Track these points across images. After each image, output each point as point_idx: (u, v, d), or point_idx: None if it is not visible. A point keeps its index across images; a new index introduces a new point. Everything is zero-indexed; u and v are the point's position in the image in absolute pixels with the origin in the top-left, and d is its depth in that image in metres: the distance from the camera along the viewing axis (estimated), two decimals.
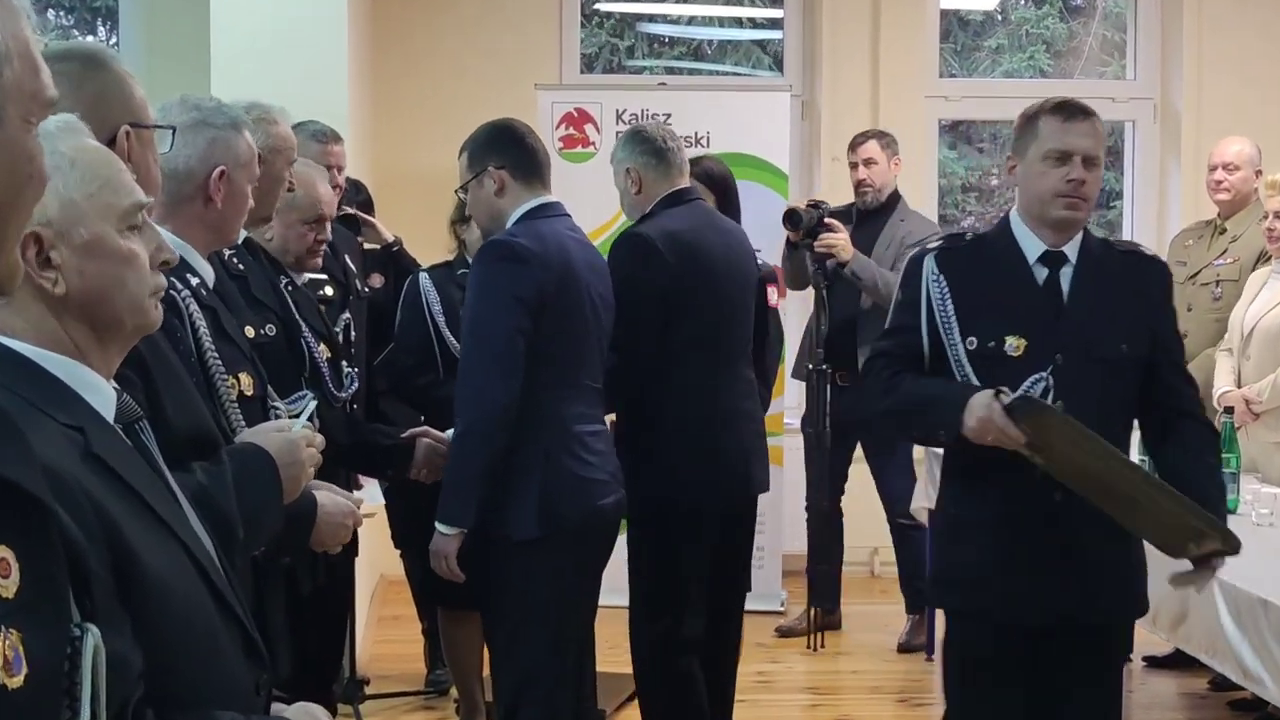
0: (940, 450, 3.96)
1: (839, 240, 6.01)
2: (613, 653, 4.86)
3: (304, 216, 3.68)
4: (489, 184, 3.83)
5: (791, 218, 6.09)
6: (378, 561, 6.80)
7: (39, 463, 1.32)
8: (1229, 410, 5.30)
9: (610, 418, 4.16)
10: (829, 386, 6.02)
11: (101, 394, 1.71)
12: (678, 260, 4.26)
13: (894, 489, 6.23)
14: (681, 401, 4.29)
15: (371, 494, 4.57)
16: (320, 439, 2.51)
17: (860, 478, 6.39)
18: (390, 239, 5.51)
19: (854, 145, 6.49)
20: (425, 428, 3.85)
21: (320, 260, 3.85)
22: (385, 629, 6.63)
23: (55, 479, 1.42)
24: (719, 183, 5.11)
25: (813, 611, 6.25)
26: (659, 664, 4.35)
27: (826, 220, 6.05)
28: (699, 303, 4.32)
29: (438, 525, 3.70)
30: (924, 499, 5.73)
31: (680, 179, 4.43)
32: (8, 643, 1.18)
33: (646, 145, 4.42)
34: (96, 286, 1.71)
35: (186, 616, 1.63)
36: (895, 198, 6.45)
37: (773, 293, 4.96)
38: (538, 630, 3.73)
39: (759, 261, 4.75)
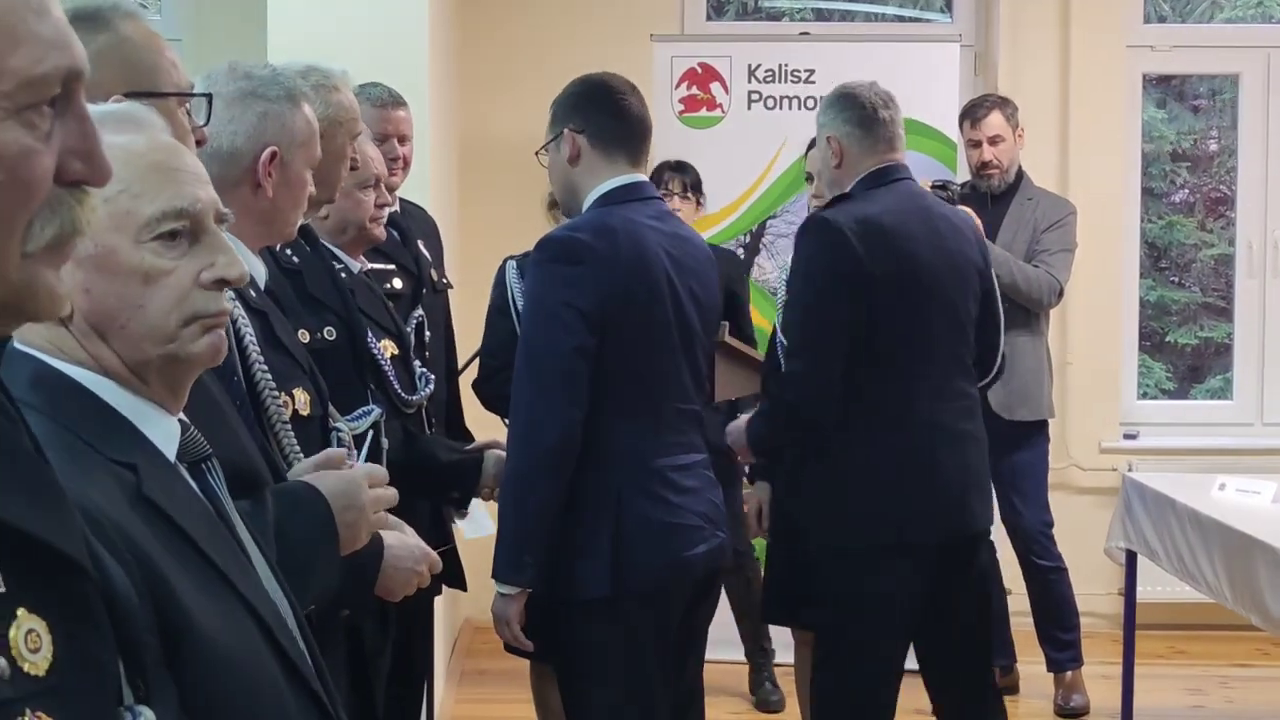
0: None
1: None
2: None
3: (358, 180, 3.68)
4: (565, 149, 3.80)
5: None
6: (461, 603, 6.85)
7: (80, 521, 1.33)
8: None
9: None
10: None
11: (161, 427, 1.73)
12: (869, 251, 4.14)
13: (1032, 519, 6.20)
14: (872, 419, 4.18)
15: (479, 522, 4.45)
16: (385, 475, 2.51)
17: None
18: None
19: (974, 119, 6.46)
20: (495, 438, 3.85)
21: (383, 230, 3.84)
22: (470, 687, 6.68)
23: (94, 526, 1.43)
24: None
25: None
26: None
27: (958, 205, 5.95)
28: (897, 303, 4.18)
29: (496, 585, 3.67)
30: (1119, 537, 5.70)
31: (890, 153, 4.34)
32: None
33: (853, 111, 4.35)
34: (105, 307, 1.73)
35: (248, 689, 1.63)
36: (1020, 175, 6.46)
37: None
38: (614, 699, 3.69)
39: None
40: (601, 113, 3.78)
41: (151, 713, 1.38)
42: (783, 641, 5.86)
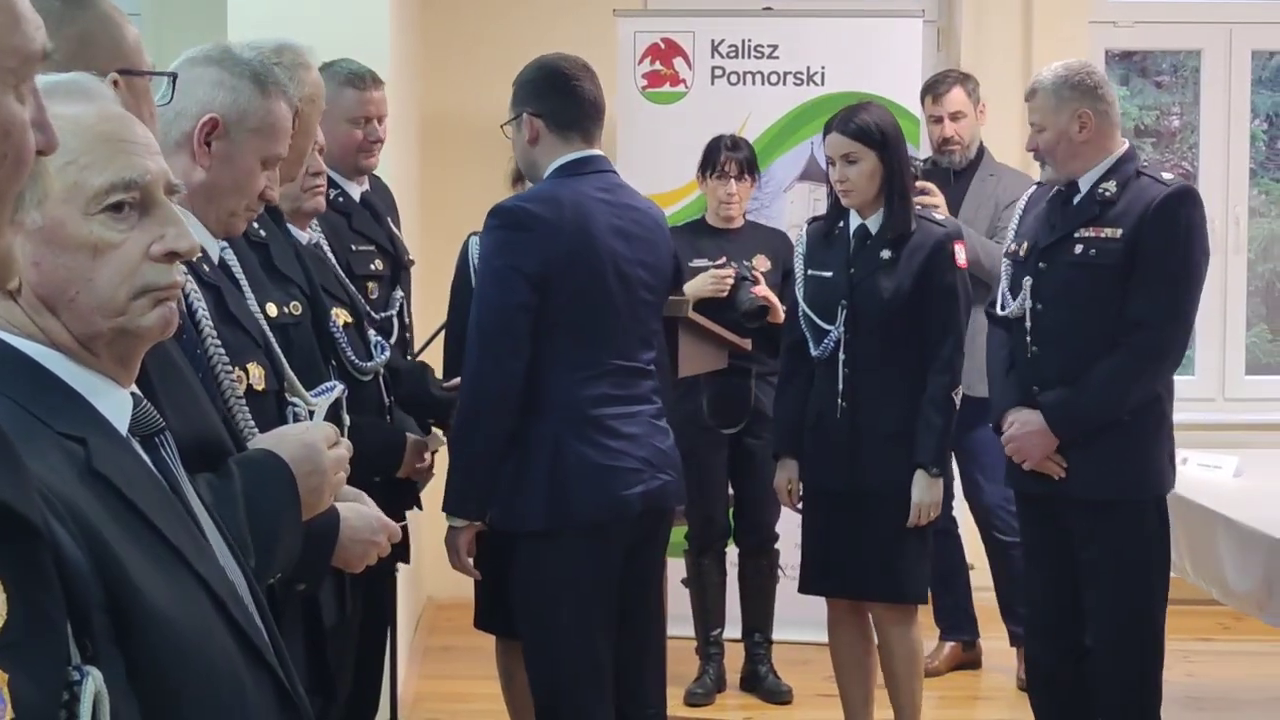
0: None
1: (936, 204, 5.92)
2: None
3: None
4: (525, 131, 4.14)
5: None
6: (424, 580, 6.85)
7: (34, 483, 1.34)
8: None
9: None
10: None
11: (112, 400, 1.73)
12: None
13: (994, 494, 6.21)
14: None
15: None
16: (347, 442, 2.50)
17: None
18: None
19: (936, 95, 6.45)
20: None
21: (320, 202, 3.82)
22: (434, 663, 6.69)
23: (43, 501, 1.42)
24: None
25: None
26: None
27: (919, 181, 5.91)
28: None
29: (446, 518, 4.11)
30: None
31: None
32: None
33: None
34: (54, 280, 1.71)
35: (200, 663, 1.63)
36: (981, 151, 6.47)
37: (960, 251, 4.98)
38: (561, 632, 4.06)
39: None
40: (557, 97, 4.13)
41: (99, 672, 1.39)
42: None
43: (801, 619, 6.19)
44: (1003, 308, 4.75)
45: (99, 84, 1.84)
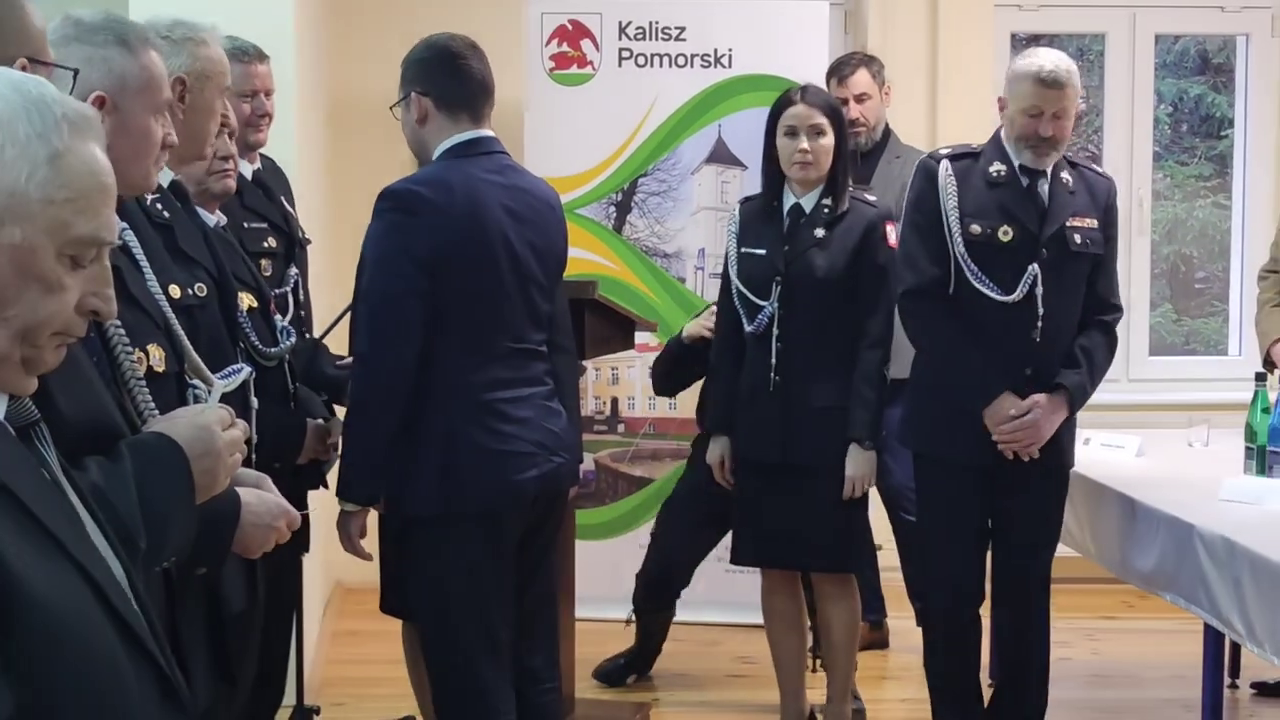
0: None
1: None
2: None
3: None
4: (413, 110, 4.11)
5: None
6: (333, 565, 6.82)
7: None
8: None
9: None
10: None
11: None
12: None
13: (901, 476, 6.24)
14: None
15: None
16: (243, 423, 2.48)
17: None
18: None
19: (840, 77, 6.47)
20: None
21: (230, 184, 3.83)
22: (342, 647, 6.67)
23: None
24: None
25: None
26: None
27: None
28: None
29: (339, 503, 4.08)
30: None
31: None
32: None
33: None
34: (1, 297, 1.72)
35: (81, 654, 1.62)
36: (887, 133, 6.50)
37: (891, 231, 5.11)
38: (457, 616, 4.07)
39: None
40: (444, 76, 4.08)
41: None
42: None
43: (711, 600, 6.21)
44: (987, 291, 4.79)
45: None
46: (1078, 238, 4.78)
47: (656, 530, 6.12)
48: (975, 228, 4.79)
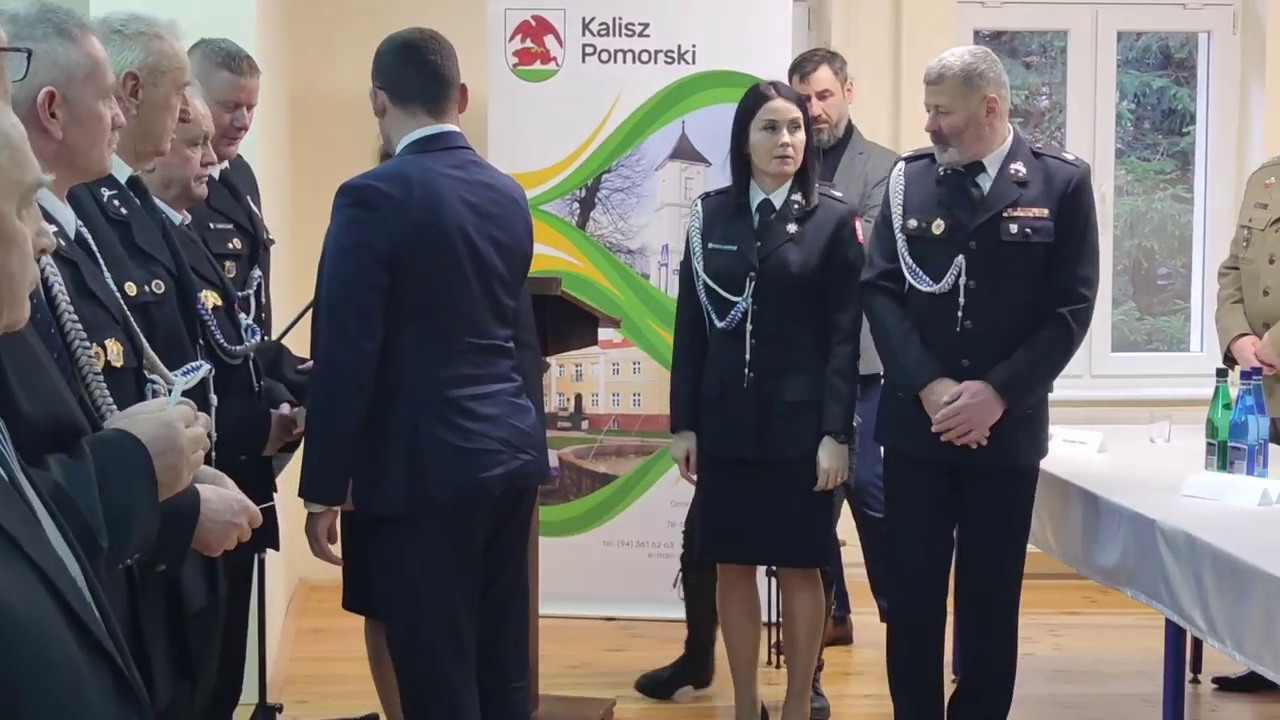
0: None
1: None
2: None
3: (187, 137, 3.71)
4: (374, 103, 4.11)
5: None
6: (296, 562, 6.81)
7: None
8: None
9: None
10: None
11: None
12: None
13: (865, 472, 6.23)
14: None
15: None
16: (205, 419, 2.47)
17: None
18: None
19: (803, 74, 6.44)
20: None
21: (206, 188, 3.89)
22: (306, 644, 6.65)
23: None
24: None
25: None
26: None
27: None
28: None
29: (304, 504, 4.03)
30: None
31: None
32: None
33: None
34: None
35: (36, 654, 1.60)
36: (849, 129, 6.50)
37: (860, 227, 5.20)
38: (423, 614, 4.04)
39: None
40: (399, 69, 4.07)
41: None
42: None
43: (674, 597, 6.21)
44: (917, 283, 4.86)
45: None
46: (1013, 227, 4.78)
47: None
48: (912, 222, 4.88)
